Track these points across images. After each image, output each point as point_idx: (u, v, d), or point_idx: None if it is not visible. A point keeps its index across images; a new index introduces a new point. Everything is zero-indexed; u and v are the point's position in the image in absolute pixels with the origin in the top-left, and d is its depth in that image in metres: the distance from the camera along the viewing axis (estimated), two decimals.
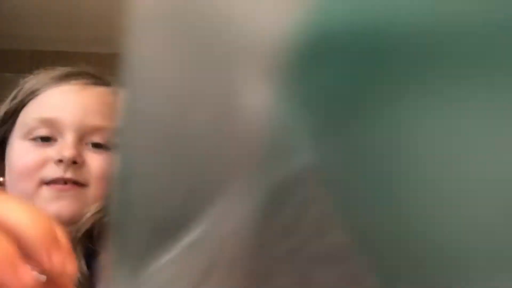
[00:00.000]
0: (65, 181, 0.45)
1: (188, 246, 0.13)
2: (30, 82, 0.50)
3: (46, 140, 0.46)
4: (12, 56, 2.07)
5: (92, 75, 0.53)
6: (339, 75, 0.12)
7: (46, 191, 0.45)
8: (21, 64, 2.07)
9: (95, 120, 0.48)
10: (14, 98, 0.49)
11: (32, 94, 0.48)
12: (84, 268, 0.41)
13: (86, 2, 1.81)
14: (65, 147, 0.45)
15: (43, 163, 0.45)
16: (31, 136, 0.46)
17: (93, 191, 0.46)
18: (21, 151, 0.46)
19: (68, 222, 0.43)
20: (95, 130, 0.48)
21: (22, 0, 1.79)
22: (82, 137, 0.47)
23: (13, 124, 0.48)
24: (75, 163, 0.45)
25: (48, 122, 0.46)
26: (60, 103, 0.48)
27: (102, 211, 0.43)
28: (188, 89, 0.15)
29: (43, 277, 0.17)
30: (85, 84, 0.50)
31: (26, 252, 0.16)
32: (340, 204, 0.12)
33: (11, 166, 0.47)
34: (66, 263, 0.17)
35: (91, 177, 0.47)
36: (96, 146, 0.48)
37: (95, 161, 0.47)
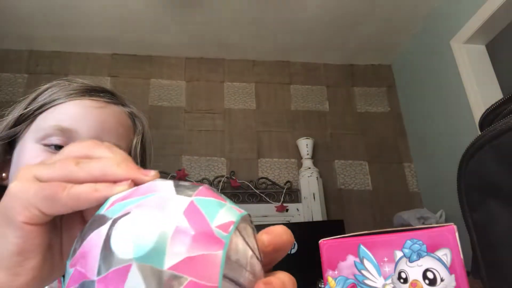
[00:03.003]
0: None
1: None
2: (52, 89, 0.51)
3: (59, 148, 0.46)
4: (10, 56, 2.07)
5: (112, 94, 0.54)
6: None
7: None
8: (19, 64, 2.07)
9: (109, 138, 0.49)
10: (33, 101, 0.50)
11: (53, 102, 0.49)
12: None
13: (86, 2, 1.80)
14: None
15: None
16: (45, 142, 0.46)
17: None
18: (33, 153, 0.46)
19: None
20: None
21: (22, 0, 1.79)
22: None
23: (27, 126, 0.49)
24: None
25: (64, 131, 0.46)
26: (79, 115, 0.48)
27: None
28: None
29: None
30: (105, 102, 0.52)
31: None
32: None
33: (19, 166, 0.46)
34: None
35: None
36: None
37: None
